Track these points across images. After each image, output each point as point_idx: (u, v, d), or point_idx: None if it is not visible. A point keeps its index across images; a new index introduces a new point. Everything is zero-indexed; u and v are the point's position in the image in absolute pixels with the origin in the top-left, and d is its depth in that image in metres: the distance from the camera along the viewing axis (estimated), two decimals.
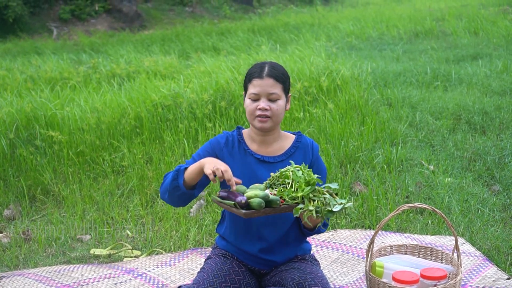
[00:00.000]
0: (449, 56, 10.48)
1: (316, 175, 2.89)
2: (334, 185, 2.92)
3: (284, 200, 2.85)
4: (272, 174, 3.01)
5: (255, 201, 2.78)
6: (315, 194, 2.84)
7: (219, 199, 2.89)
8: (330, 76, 7.79)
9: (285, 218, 3.19)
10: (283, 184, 2.92)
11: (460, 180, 5.21)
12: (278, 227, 3.20)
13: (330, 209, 2.79)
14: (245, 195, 2.84)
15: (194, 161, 3.10)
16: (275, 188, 2.92)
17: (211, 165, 2.87)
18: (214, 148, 3.19)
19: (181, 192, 3.02)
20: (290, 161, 3.05)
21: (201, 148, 3.22)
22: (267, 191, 2.89)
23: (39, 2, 18.96)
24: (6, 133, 6.40)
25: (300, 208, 2.80)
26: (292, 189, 2.86)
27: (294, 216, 2.83)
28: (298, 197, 2.82)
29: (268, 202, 2.82)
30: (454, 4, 19.35)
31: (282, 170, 2.95)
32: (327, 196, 2.83)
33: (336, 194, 2.90)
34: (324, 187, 2.92)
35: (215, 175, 2.84)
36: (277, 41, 13.54)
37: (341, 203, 2.81)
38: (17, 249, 4.57)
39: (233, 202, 2.80)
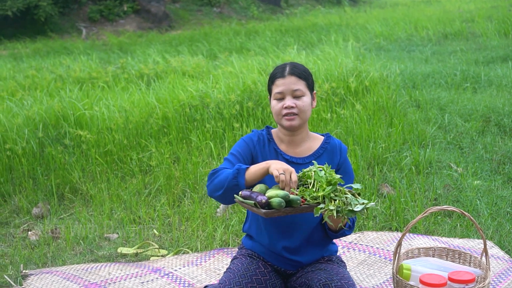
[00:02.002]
0: (479, 57, 10.38)
1: (338, 175, 2.86)
2: (356, 185, 2.90)
3: (306, 199, 2.84)
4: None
5: (275, 200, 2.77)
6: (336, 193, 2.82)
7: (241, 198, 2.88)
8: (359, 77, 7.76)
9: (310, 218, 3.17)
10: (305, 184, 2.91)
11: (489, 183, 5.16)
12: (303, 228, 3.19)
13: (351, 208, 2.76)
14: (266, 194, 2.83)
15: (234, 157, 3.10)
16: (297, 188, 2.90)
17: (278, 165, 2.87)
18: (249, 145, 3.19)
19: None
20: (313, 161, 3.04)
21: (237, 146, 3.21)
22: None
23: (69, 2, 19.16)
24: (36, 132, 6.47)
25: (321, 208, 2.78)
26: (314, 189, 2.84)
27: (315, 215, 2.81)
28: (319, 196, 2.80)
29: (288, 201, 2.81)
30: (484, 5, 19.19)
31: (305, 170, 2.94)
32: (349, 196, 2.81)
33: (359, 194, 2.88)
34: (346, 187, 2.90)
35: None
36: (305, 42, 13.53)
37: (363, 203, 2.79)
38: (46, 247, 4.62)
39: (253, 202, 2.80)
